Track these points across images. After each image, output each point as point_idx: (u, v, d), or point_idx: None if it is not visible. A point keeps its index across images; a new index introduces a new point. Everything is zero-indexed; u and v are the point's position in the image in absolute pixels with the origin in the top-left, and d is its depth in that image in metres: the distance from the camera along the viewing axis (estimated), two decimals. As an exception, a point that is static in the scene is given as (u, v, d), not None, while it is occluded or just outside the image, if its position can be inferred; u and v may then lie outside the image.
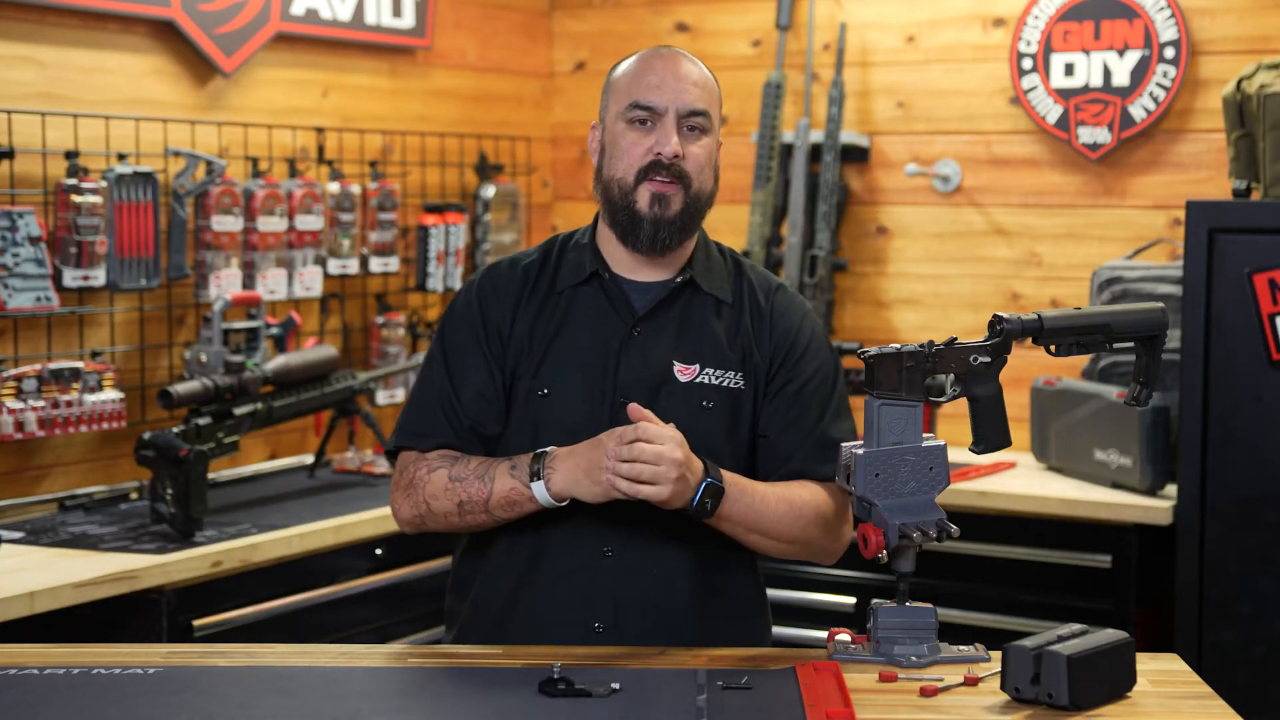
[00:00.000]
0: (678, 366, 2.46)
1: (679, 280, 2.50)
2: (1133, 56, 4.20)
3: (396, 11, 4.36)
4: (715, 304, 2.51)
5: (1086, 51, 4.26)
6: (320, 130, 4.16)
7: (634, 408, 2.31)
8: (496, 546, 2.48)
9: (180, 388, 3.41)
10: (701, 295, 2.51)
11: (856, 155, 4.56)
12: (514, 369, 2.47)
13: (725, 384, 2.47)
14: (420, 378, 2.55)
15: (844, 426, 2.52)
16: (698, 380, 2.46)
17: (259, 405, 3.58)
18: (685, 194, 2.44)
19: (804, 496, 2.44)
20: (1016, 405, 3.20)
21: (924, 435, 2.31)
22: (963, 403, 2.37)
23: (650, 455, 2.25)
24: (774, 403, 2.49)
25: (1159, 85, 4.17)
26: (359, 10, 4.25)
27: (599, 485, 2.30)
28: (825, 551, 2.50)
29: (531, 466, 2.35)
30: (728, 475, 2.36)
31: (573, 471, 2.32)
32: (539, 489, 2.34)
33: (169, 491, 3.24)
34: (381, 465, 3.96)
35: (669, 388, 2.45)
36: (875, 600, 2.32)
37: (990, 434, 2.36)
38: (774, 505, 2.41)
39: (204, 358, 3.63)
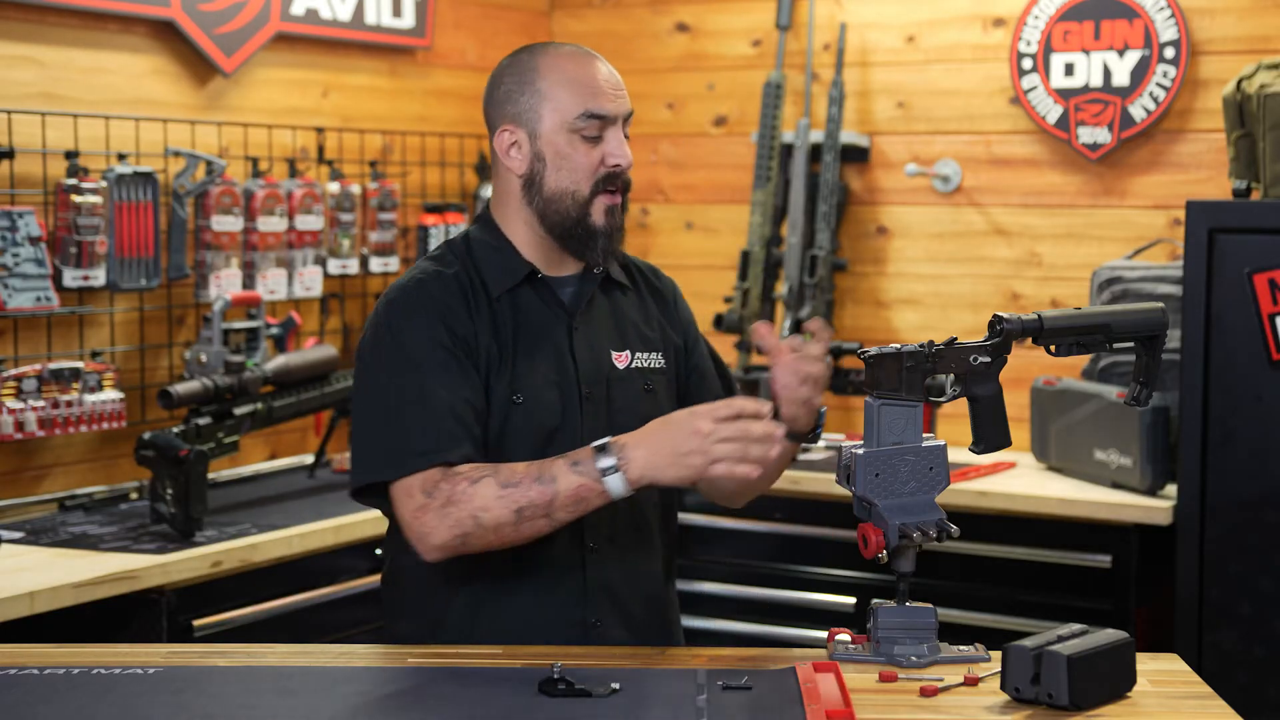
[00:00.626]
0: (614, 355, 2.49)
1: (597, 272, 2.51)
2: (1133, 56, 4.20)
3: (396, 11, 4.37)
4: (620, 290, 2.55)
5: (1086, 51, 4.26)
6: (320, 130, 4.16)
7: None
8: (471, 557, 2.37)
9: (180, 388, 3.41)
10: (608, 283, 2.54)
11: (856, 155, 4.56)
12: (486, 379, 2.41)
13: (653, 365, 2.52)
14: (398, 402, 2.36)
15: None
16: (634, 365, 2.50)
17: (259, 405, 3.58)
18: (623, 200, 2.47)
19: None
20: (1016, 405, 3.20)
21: (924, 435, 2.31)
22: (963, 403, 2.37)
23: (759, 433, 2.26)
24: (703, 379, 2.59)
25: (1159, 85, 4.17)
26: (359, 10, 4.25)
27: (690, 469, 2.24)
28: None
29: (598, 461, 2.26)
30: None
31: (653, 458, 2.25)
32: (615, 481, 2.25)
33: (169, 491, 3.24)
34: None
35: (615, 375, 2.48)
36: (875, 600, 2.32)
37: (990, 434, 2.36)
38: None
39: (204, 358, 3.63)
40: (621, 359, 2.49)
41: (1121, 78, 4.21)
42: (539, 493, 2.27)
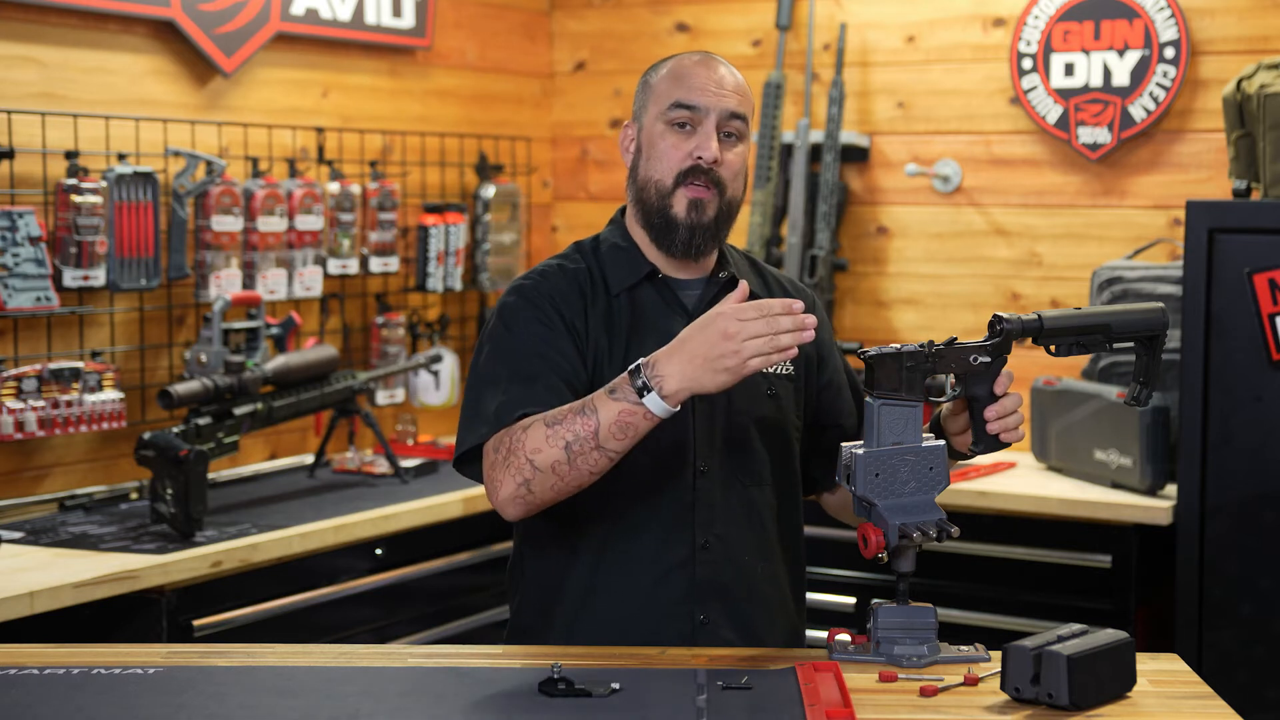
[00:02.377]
0: None
1: (722, 276, 2.52)
2: (1133, 56, 4.20)
3: (396, 11, 4.36)
4: (752, 296, 2.52)
5: (1086, 51, 4.26)
6: (320, 130, 4.16)
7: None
8: (583, 548, 2.43)
9: (180, 388, 3.41)
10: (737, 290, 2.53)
11: (856, 155, 4.56)
12: (596, 371, 2.43)
13: (779, 372, 2.52)
14: (495, 378, 2.39)
15: None
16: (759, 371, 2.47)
17: (259, 405, 3.58)
18: (720, 200, 2.46)
19: None
20: (1016, 405, 3.19)
21: (924, 435, 2.31)
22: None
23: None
24: (838, 393, 2.59)
25: (1159, 85, 4.17)
26: (359, 10, 4.25)
27: (726, 371, 2.20)
28: None
29: (634, 383, 2.24)
30: None
31: (686, 368, 2.22)
32: (653, 401, 2.22)
33: (169, 491, 3.24)
34: (381, 465, 3.96)
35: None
36: (875, 600, 2.32)
37: (990, 434, 2.36)
38: None
39: (204, 358, 3.63)
40: None
41: (1121, 78, 4.21)
42: (583, 425, 2.25)
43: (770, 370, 2.49)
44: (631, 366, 2.25)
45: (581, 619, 2.43)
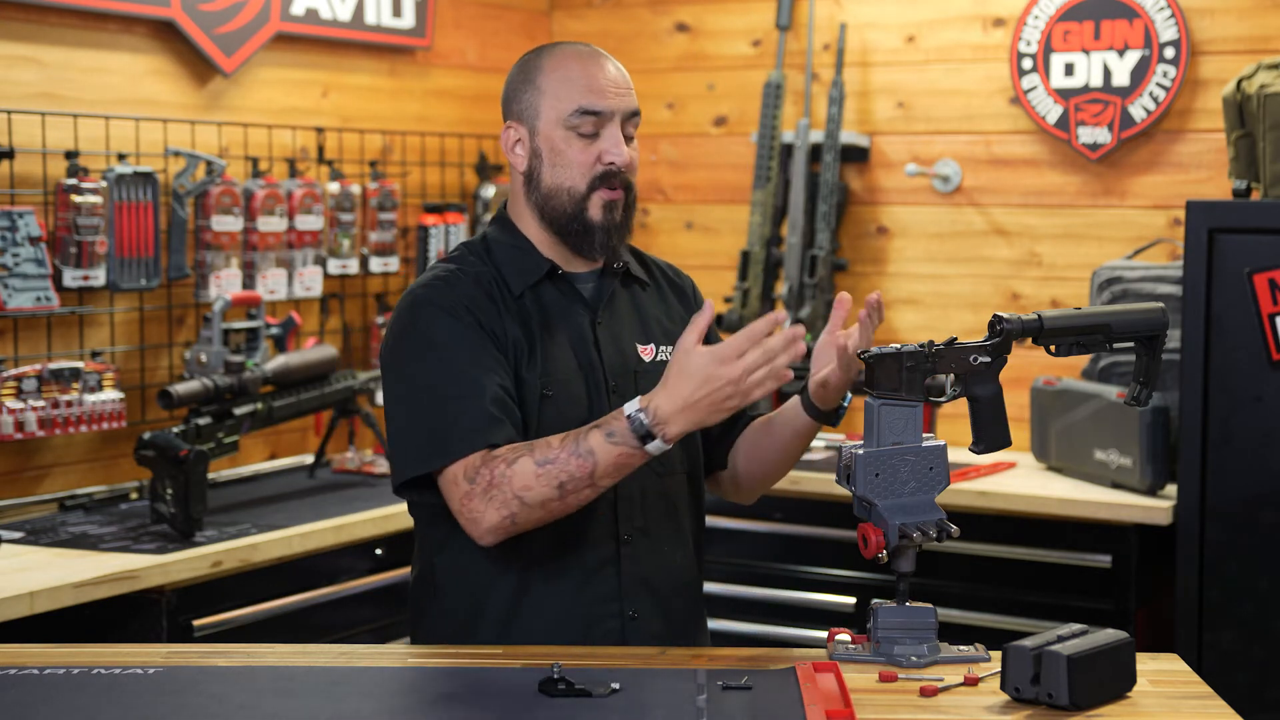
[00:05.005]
0: (640, 348, 2.50)
1: (617, 267, 2.52)
2: (1133, 56, 4.20)
3: (396, 11, 4.37)
4: (640, 286, 2.57)
5: (1086, 51, 4.26)
6: (320, 130, 4.16)
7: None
8: (508, 557, 2.39)
9: (180, 388, 3.41)
10: (629, 278, 2.55)
11: (856, 155, 4.56)
12: (516, 371, 2.42)
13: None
14: (435, 393, 2.35)
15: None
16: (659, 359, 2.50)
17: (259, 405, 3.58)
18: (627, 198, 2.48)
19: None
20: (1016, 405, 3.20)
21: (924, 435, 2.31)
22: (963, 403, 2.37)
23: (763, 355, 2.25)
24: None
25: (1159, 85, 4.17)
26: (359, 10, 4.25)
27: (730, 410, 2.23)
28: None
29: (633, 428, 2.23)
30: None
31: (691, 414, 2.21)
32: (656, 445, 2.23)
33: (169, 491, 3.24)
34: (381, 465, 3.95)
35: (641, 369, 2.48)
36: (875, 600, 2.32)
37: (990, 434, 2.36)
38: None
39: (204, 358, 3.63)
40: (647, 352, 2.50)
41: (1121, 78, 4.21)
42: (578, 466, 2.26)
43: (670, 358, 2.45)
44: (630, 412, 2.24)
45: (510, 627, 2.41)
